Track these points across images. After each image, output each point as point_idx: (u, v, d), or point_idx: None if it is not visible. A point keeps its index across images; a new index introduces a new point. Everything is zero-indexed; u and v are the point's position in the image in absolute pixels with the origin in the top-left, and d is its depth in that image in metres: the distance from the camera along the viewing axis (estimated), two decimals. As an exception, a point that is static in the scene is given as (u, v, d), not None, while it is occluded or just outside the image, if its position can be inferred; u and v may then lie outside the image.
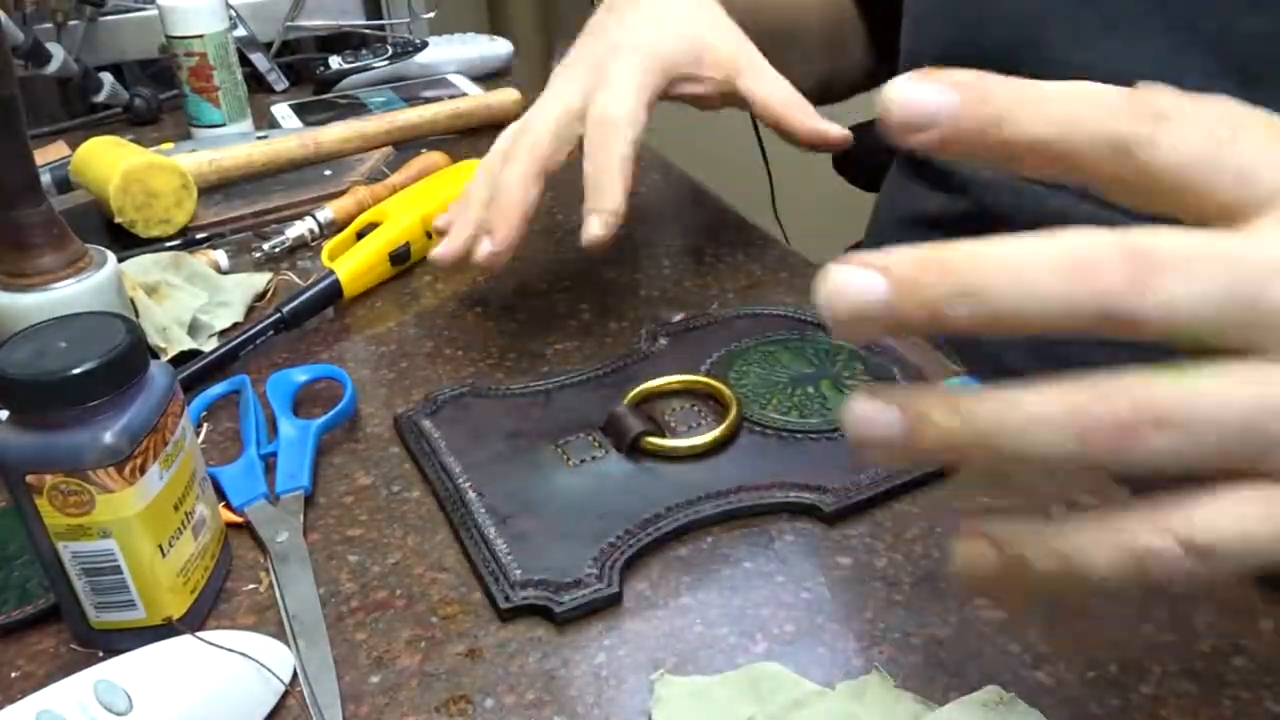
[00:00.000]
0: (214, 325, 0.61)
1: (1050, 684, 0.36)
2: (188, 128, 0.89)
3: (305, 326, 0.61)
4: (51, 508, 0.36)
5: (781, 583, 0.41)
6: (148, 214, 0.69)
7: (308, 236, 0.70)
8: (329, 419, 0.50)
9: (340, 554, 0.44)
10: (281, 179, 0.78)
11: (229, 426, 0.52)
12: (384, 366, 0.57)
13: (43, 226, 0.50)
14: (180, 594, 0.39)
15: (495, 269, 0.54)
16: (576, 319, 0.60)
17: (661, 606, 0.41)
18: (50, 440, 0.36)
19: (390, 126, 0.84)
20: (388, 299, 0.64)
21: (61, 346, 0.36)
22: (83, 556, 0.37)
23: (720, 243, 0.68)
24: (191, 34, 0.84)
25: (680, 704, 0.36)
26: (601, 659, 0.38)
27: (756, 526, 0.44)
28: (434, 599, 0.41)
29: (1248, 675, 0.36)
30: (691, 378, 0.52)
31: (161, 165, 0.69)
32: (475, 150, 0.84)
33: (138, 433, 0.36)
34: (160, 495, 0.38)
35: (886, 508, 0.45)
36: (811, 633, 0.39)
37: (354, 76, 1.00)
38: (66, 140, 0.90)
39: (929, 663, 0.37)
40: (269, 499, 0.46)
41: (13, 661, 0.40)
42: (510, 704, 0.37)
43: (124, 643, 0.38)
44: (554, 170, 0.55)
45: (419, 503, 0.47)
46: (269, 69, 1.02)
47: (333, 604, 0.41)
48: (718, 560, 0.43)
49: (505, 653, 0.39)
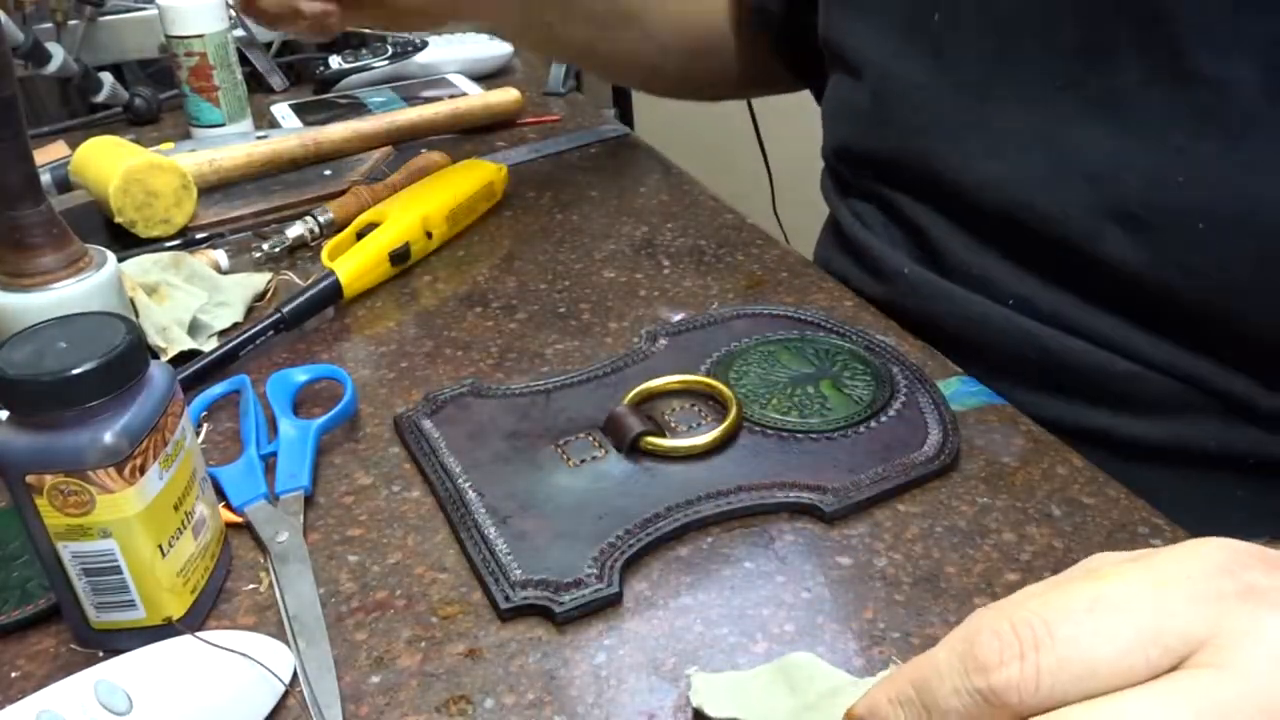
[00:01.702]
0: (214, 325, 0.61)
1: (1050, 684, 0.36)
2: (188, 128, 0.89)
3: (305, 326, 0.61)
4: (51, 508, 0.36)
5: (781, 583, 0.41)
6: (148, 214, 0.69)
7: (308, 236, 0.70)
8: (329, 419, 0.50)
9: (340, 554, 0.44)
10: (281, 179, 0.78)
11: (229, 426, 0.52)
12: (384, 366, 0.57)
13: (43, 226, 0.50)
14: (180, 594, 0.39)
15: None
16: (576, 319, 0.60)
17: (661, 606, 0.41)
18: (50, 440, 0.36)
19: (390, 126, 0.84)
20: (388, 299, 0.64)
21: (61, 347, 0.36)
22: (83, 556, 0.37)
23: (720, 243, 0.68)
24: (191, 34, 0.84)
25: (720, 695, 0.36)
26: (601, 659, 0.38)
27: (756, 526, 0.44)
28: (434, 599, 0.41)
29: (1248, 675, 0.36)
30: (691, 378, 0.52)
31: (161, 165, 0.69)
32: (475, 150, 0.84)
33: (138, 433, 0.36)
34: (160, 495, 0.38)
35: (886, 508, 0.45)
36: (811, 633, 0.39)
37: (354, 76, 1.00)
38: (66, 140, 0.90)
39: (929, 663, 0.37)
40: (269, 499, 0.46)
41: (13, 661, 0.40)
42: (510, 704, 0.37)
43: (124, 643, 0.38)
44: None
45: (419, 503, 0.47)
46: (269, 69, 1.02)
47: (333, 604, 0.41)
48: (718, 560, 0.43)
49: (505, 653, 0.39)
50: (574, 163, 0.84)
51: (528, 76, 1.05)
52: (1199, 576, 0.25)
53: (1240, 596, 0.24)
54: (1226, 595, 0.24)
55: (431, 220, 0.68)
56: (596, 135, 0.89)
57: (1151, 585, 0.25)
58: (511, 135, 0.90)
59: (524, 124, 0.92)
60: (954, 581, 0.41)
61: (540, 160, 0.84)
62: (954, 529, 0.43)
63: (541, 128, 0.92)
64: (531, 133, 0.91)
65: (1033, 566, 0.41)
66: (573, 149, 0.86)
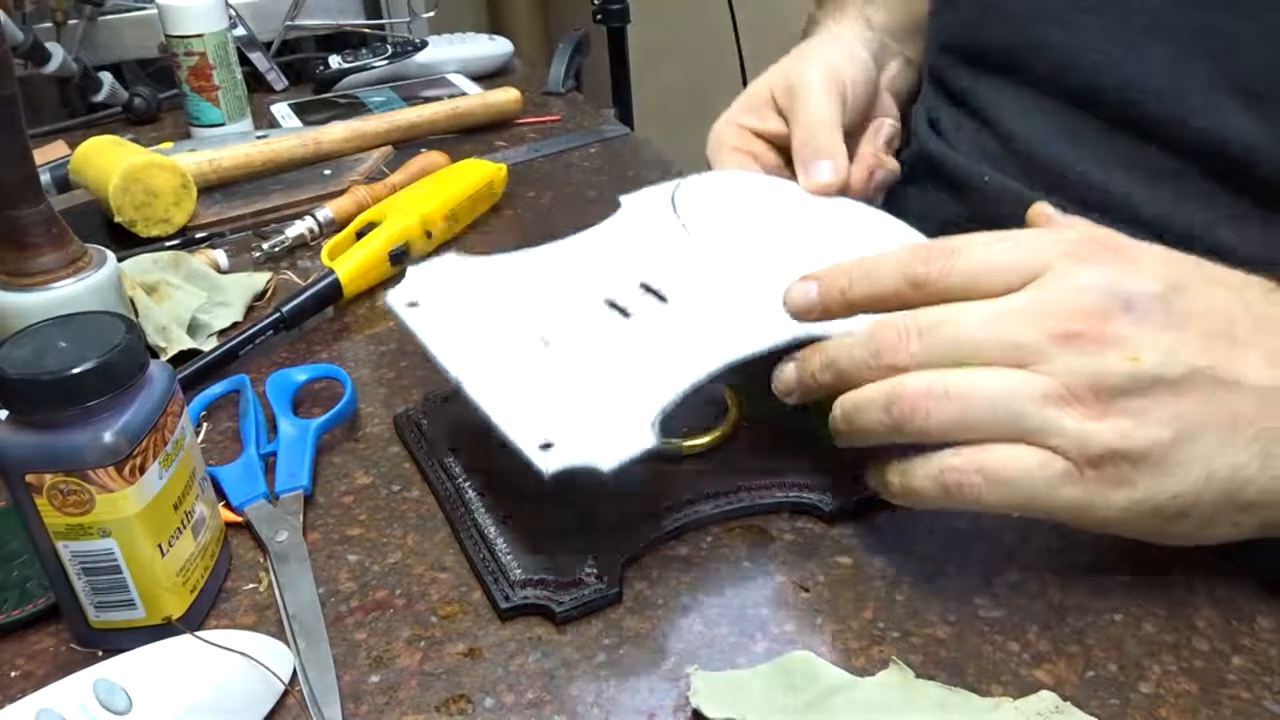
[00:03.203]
0: (213, 325, 0.61)
1: (1050, 683, 0.36)
2: (187, 127, 0.89)
3: (305, 326, 0.61)
4: (51, 507, 0.36)
5: (781, 583, 0.41)
6: (147, 213, 0.69)
7: (307, 236, 0.70)
8: (329, 419, 0.50)
9: (340, 554, 0.44)
10: (281, 179, 0.78)
11: (229, 426, 0.52)
12: (384, 366, 0.57)
13: (43, 226, 0.50)
14: (180, 593, 0.39)
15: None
16: (576, 319, 0.60)
17: (661, 606, 0.41)
18: (50, 440, 0.36)
19: (390, 126, 0.84)
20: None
21: (61, 346, 0.36)
22: (83, 556, 0.37)
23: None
24: (191, 33, 0.84)
25: (720, 694, 0.36)
26: (601, 659, 0.38)
27: (756, 526, 0.44)
28: (434, 599, 0.41)
29: (1248, 675, 0.36)
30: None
31: (161, 165, 0.69)
32: (475, 150, 0.84)
33: (137, 432, 0.36)
34: (160, 495, 0.38)
35: (886, 508, 0.45)
36: (811, 633, 0.39)
37: (354, 76, 1.00)
38: (66, 140, 0.90)
39: (929, 662, 0.37)
40: (269, 498, 0.46)
41: (13, 661, 0.40)
42: (510, 704, 0.37)
43: (124, 642, 0.38)
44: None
45: (419, 502, 0.47)
46: (269, 69, 1.02)
47: (332, 603, 0.41)
48: (718, 560, 0.43)
49: (505, 652, 0.39)
50: (574, 163, 0.84)
51: (528, 76, 1.05)
52: (1044, 303, 0.36)
53: (1066, 256, 0.37)
54: (1059, 256, 0.37)
55: (431, 220, 0.68)
56: (596, 135, 0.89)
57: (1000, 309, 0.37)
58: (511, 135, 0.90)
59: (524, 124, 0.92)
60: (954, 581, 0.41)
61: (540, 160, 0.84)
62: (953, 529, 0.43)
63: (541, 128, 0.92)
64: (531, 133, 0.91)
65: (1033, 564, 0.41)
66: (573, 149, 0.86)
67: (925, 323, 0.38)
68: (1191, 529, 0.36)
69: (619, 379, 0.42)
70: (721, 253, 0.49)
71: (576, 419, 0.40)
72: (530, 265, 0.50)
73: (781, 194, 0.55)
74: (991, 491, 0.36)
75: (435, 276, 0.49)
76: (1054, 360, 0.35)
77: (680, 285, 0.47)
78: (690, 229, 0.51)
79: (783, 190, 0.56)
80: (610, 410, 0.40)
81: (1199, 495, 0.35)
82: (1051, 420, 0.35)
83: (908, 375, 0.37)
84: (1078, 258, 0.37)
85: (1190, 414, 0.35)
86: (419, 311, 0.46)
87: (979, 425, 0.36)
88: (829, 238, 0.52)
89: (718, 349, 0.42)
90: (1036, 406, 0.35)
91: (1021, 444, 0.36)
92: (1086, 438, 0.35)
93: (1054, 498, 0.36)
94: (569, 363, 0.43)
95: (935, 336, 0.37)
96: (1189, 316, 0.36)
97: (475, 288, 0.48)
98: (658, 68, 1.73)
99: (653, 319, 0.45)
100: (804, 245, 0.50)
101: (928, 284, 0.38)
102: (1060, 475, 0.35)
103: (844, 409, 0.40)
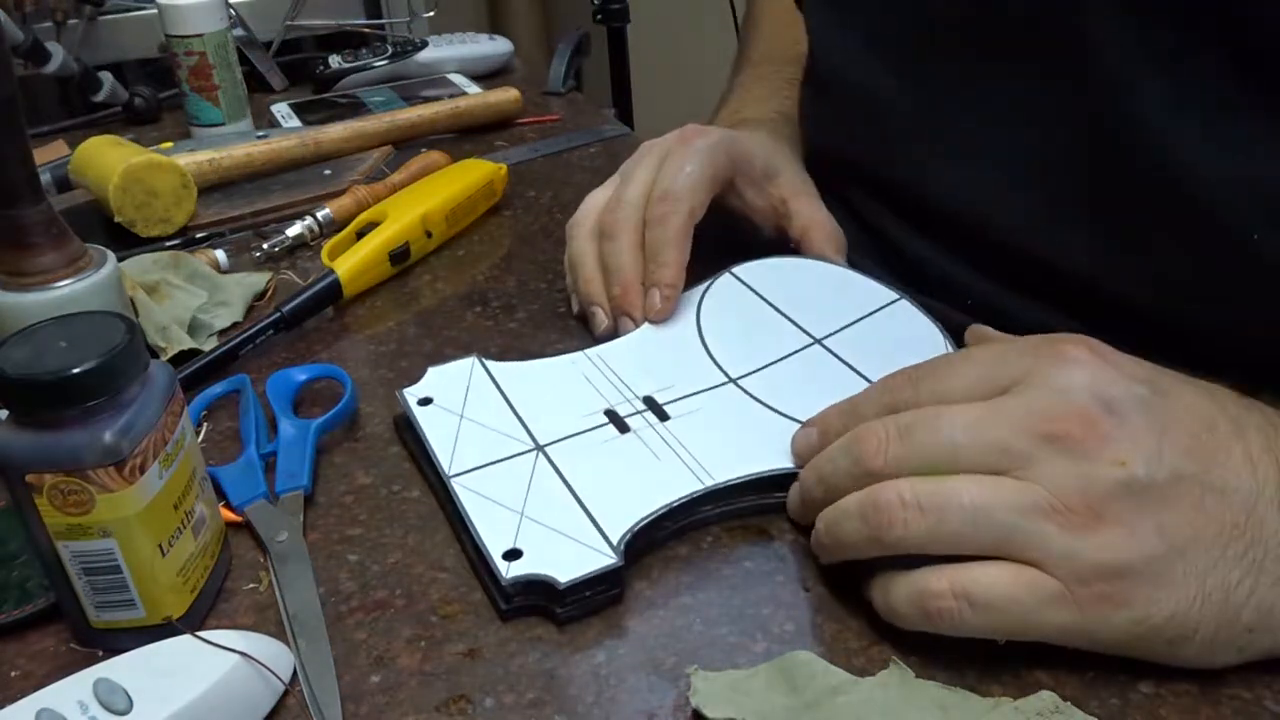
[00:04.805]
0: (214, 325, 0.61)
1: (1050, 684, 0.36)
2: (188, 127, 0.89)
3: (305, 326, 0.61)
4: (51, 507, 0.36)
5: (781, 583, 0.41)
6: (147, 213, 0.69)
7: (307, 236, 0.70)
8: (329, 418, 0.50)
9: (340, 553, 0.44)
10: (281, 178, 0.78)
11: (229, 426, 0.52)
12: (384, 366, 0.57)
13: (43, 226, 0.50)
14: (180, 593, 0.39)
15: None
16: (576, 319, 0.60)
17: (661, 606, 0.41)
18: (50, 440, 0.36)
19: (390, 126, 0.84)
20: (387, 299, 0.64)
21: (61, 346, 0.36)
22: (83, 556, 0.37)
23: (720, 242, 0.68)
24: (191, 33, 0.84)
25: (720, 695, 0.36)
26: (601, 659, 0.38)
27: (757, 526, 0.44)
28: (434, 599, 0.41)
29: (1248, 675, 0.36)
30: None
31: (161, 164, 0.69)
32: (475, 150, 0.84)
33: (137, 432, 0.36)
34: (160, 495, 0.38)
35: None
36: (811, 632, 0.39)
37: (354, 76, 1.00)
38: (66, 140, 0.90)
39: (929, 662, 0.37)
40: (269, 498, 0.46)
41: (13, 661, 0.40)
42: (510, 704, 0.37)
43: (124, 642, 0.38)
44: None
45: (419, 502, 0.47)
46: (269, 68, 1.02)
47: (332, 603, 0.41)
48: (718, 560, 0.43)
49: (505, 653, 0.39)
50: (574, 162, 0.84)
51: (528, 76, 1.05)
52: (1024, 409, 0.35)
53: (1044, 360, 0.36)
54: (1036, 359, 0.36)
55: (431, 220, 0.68)
56: (596, 135, 0.89)
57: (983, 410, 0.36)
58: (511, 135, 0.90)
59: (524, 123, 0.92)
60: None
61: (540, 160, 0.84)
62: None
63: (541, 127, 0.92)
64: (531, 132, 0.91)
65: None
66: (573, 149, 0.86)
67: (905, 425, 0.37)
68: (1197, 654, 0.35)
69: (598, 495, 0.43)
70: (729, 373, 0.50)
71: (546, 531, 0.41)
72: (548, 371, 0.51)
73: (822, 288, 0.56)
74: (977, 617, 0.35)
75: (452, 378, 0.51)
76: (1040, 465, 0.34)
77: (683, 404, 0.48)
78: (709, 338, 0.53)
79: (825, 283, 0.57)
80: (580, 527, 0.42)
81: (1197, 616, 0.34)
82: (1036, 535, 0.34)
83: (884, 483, 0.36)
84: (1056, 360, 0.36)
85: (1179, 526, 0.34)
86: (429, 410, 0.49)
87: (957, 538, 0.35)
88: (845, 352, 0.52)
89: (699, 474, 0.44)
90: (1021, 518, 0.34)
91: (1006, 561, 0.34)
92: (1075, 553, 0.33)
93: (1046, 623, 0.34)
94: (555, 474, 0.44)
95: (914, 439, 0.36)
96: (1172, 418, 0.35)
97: (489, 391, 0.50)
98: (658, 68, 1.73)
99: (648, 437, 0.46)
100: (817, 370, 0.51)
101: (907, 406, 0.38)
102: (1051, 597, 0.34)
103: (825, 521, 0.39)
